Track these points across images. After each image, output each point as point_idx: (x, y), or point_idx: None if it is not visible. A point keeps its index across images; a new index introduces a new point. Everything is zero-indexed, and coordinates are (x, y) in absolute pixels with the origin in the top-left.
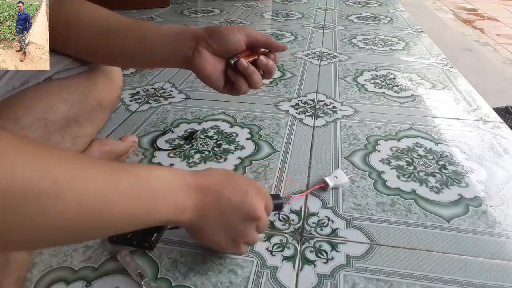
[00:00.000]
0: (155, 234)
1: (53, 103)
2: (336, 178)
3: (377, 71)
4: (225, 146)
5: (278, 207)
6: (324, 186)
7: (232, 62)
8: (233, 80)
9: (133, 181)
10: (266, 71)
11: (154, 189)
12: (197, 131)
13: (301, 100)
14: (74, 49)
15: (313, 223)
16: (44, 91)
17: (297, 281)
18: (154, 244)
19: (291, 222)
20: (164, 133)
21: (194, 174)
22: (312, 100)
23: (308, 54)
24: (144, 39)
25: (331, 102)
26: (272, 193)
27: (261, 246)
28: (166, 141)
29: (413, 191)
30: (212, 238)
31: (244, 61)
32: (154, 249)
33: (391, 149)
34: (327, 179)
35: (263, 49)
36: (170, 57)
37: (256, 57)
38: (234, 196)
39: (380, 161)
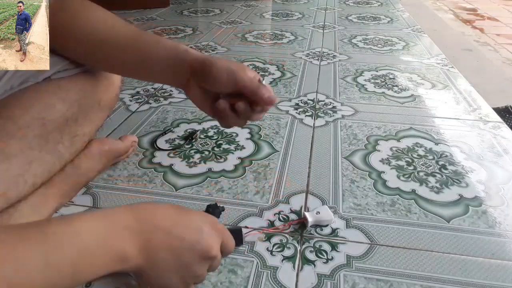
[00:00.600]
0: None
1: (51, 103)
2: (319, 213)
3: (377, 71)
4: (225, 146)
5: (237, 242)
6: (304, 222)
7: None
8: (216, 115)
9: (47, 246)
10: (245, 117)
11: (79, 248)
12: (197, 131)
13: (301, 100)
14: (72, 54)
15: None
16: (42, 91)
17: (297, 281)
18: None
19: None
20: (164, 133)
21: (137, 213)
22: (312, 100)
23: (308, 54)
24: (143, 59)
25: (331, 102)
26: (230, 226)
27: (261, 246)
28: (166, 141)
29: (413, 191)
30: (161, 282)
31: (222, 104)
32: None
33: (391, 149)
34: (307, 215)
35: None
36: (166, 80)
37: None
38: (188, 234)
39: (380, 161)
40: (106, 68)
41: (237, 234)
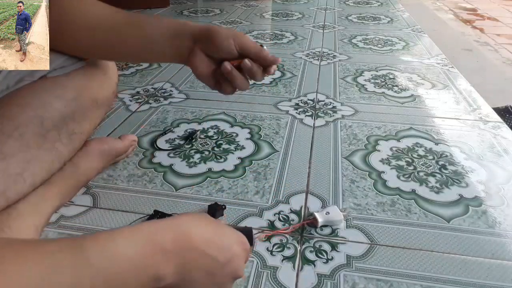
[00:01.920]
0: None
1: (48, 101)
2: (328, 214)
3: (377, 71)
4: (225, 146)
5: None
6: (313, 222)
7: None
8: (220, 81)
9: (78, 270)
10: (250, 75)
11: (112, 274)
12: (197, 131)
13: (301, 100)
14: (67, 47)
15: (313, 223)
16: (39, 89)
17: (297, 281)
18: None
19: (291, 222)
20: (164, 133)
21: (175, 232)
22: (312, 100)
23: (308, 54)
24: (144, 37)
25: (331, 102)
26: (244, 226)
27: (261, 246)
28: (166, 141)
29: (413, 191)
30: None
31: (228, 65)
32: None
33: (391, 149)
34: (317, 215)
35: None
36: (168, 55)
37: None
38: (221, 255)
39: (380, 161)
40: (108, 55)
41: (248, 234)
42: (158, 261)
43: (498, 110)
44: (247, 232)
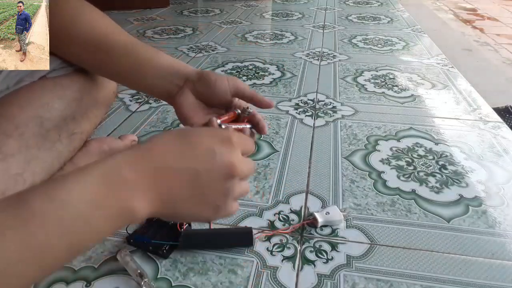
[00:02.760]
0: (170, 243)
1: (48, 101)
2: (328, 214)
3: (377, 71)
4: None
5: (247, 242)
6: (313, 222)
7: (218, 122)
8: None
9: (26, 232)
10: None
11: (68, 220)
12: None
13: (301, 100)
14: (65, 56)
15: (313, 223)
16: (39, 89)
17: (297, 281)
18: (168, 253)
19: (291, 222)
20: None
21: (133, 159)
22: (312, 100)
23: (308, 54)
24: (137, 69)
25: (331, 102)
26: (244, 226)
27: (261, 246)
28: None
29: (413, 191)
30: (191, 215)
31: (215, 121)
32: (167, 257)
33: (391, 149)
34: (317, 215)
35: (247, 109)
36: (156, 92)
37: (240, 126)
38: (199, 163)
39: (380, 161)
40: (97, 73)
41: (247, 234)
42: (121, 196)
43: (498, 110)
44: (247, 233)
